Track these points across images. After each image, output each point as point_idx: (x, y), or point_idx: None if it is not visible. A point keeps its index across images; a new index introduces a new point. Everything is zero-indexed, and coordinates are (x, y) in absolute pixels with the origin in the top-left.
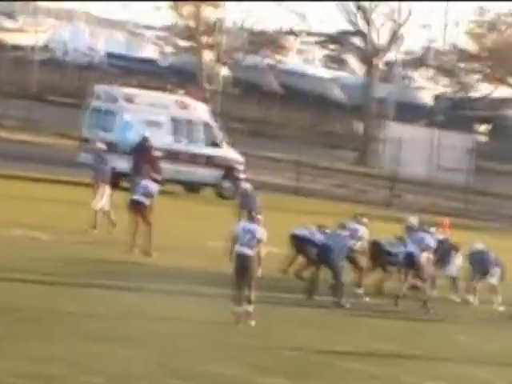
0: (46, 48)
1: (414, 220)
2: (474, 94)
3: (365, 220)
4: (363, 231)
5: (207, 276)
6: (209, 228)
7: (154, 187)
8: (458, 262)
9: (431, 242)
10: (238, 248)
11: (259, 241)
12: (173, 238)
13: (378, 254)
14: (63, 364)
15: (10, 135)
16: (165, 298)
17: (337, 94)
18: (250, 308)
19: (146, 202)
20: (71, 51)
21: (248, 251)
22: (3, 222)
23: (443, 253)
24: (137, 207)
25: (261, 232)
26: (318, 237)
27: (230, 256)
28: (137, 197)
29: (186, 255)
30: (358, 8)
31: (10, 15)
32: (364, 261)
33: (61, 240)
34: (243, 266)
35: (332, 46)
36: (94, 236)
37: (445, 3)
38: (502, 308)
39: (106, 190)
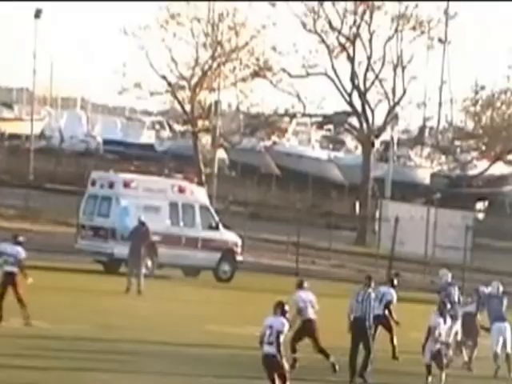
0: (42, 136)
1: None
2: (471, 172)
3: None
4: (393, 295)
5: (207, 360)
6: (208, 312)
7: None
8: None
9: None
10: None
11: (279, 333)
12: (171, 322)
13: None
14: None
15: (9, 224)
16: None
17: (335, 174)
18: None
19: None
20: (68, 138)
21: (270, 349)
22: None
23: None
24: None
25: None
26: None
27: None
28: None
29: (185, 338)
30: (354, 88)
31: (7, 104)
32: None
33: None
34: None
35: (328, 127)
36: None
37: (439, 82)
38: None
39: None
